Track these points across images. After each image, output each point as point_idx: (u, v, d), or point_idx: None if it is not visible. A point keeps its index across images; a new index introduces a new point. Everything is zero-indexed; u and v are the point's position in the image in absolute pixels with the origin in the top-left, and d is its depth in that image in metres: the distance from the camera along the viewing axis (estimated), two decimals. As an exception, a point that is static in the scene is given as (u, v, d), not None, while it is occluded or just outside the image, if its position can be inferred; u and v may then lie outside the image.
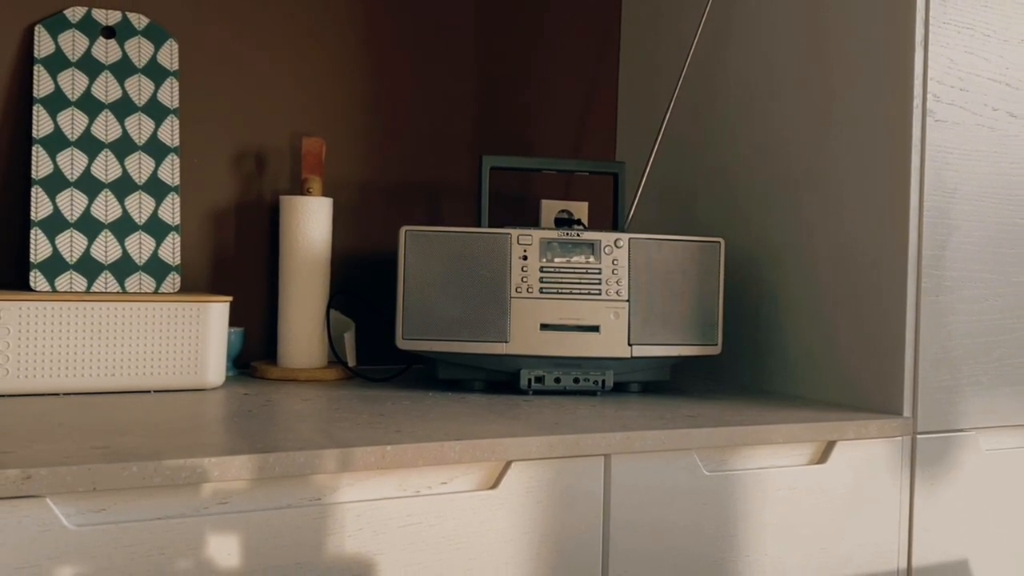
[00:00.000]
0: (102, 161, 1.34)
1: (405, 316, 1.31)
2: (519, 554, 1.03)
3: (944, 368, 1.28)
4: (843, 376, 1.34)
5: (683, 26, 1.61)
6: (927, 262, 1.26)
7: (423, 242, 1.31)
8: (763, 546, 1.17)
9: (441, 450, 0.98)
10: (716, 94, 1.56)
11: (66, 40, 1.35)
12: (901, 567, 1.26)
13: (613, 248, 1.33)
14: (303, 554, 0.93)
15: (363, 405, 1.20)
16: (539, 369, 1.31)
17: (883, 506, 1.25)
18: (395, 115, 1.62)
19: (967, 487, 1.31)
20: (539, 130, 1.73)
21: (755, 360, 1.48)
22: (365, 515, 0.96)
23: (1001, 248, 1.33)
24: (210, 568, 0.89)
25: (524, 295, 1.31)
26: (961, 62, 1.28)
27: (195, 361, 1.27)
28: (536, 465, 1.04)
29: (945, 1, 1.27)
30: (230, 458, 0.89)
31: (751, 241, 1.49)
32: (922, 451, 1.27)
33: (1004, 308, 1.33)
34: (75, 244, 1.31)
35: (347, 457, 0.94)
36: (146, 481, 0.85)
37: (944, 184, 1.27)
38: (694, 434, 1.12)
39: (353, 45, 1.58)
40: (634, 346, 1.33)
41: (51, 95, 1.33)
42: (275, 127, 1.53)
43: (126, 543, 0.86)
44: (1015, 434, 1.36)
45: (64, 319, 1.21)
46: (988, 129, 1.31)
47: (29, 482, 0.81)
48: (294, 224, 1.42)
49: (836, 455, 1.22)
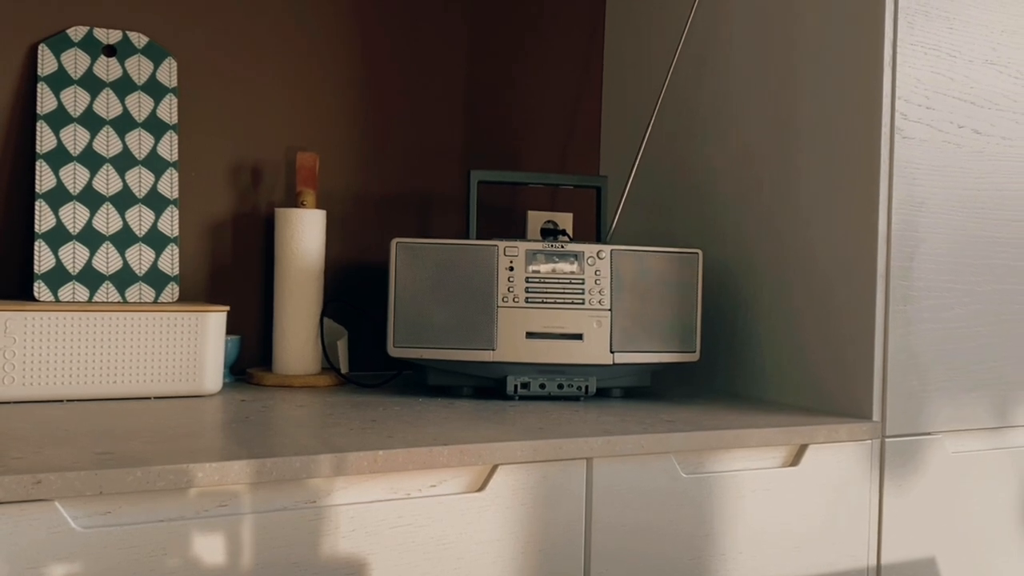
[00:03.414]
0: (103, 175, 1.35)
1: (396, 324, 1.32)
2: (505, 553, 1.05)
3: (912, 374, 1.30)
4: (815, 382, 1.36)
5: (663, 48, 1.63)
6: (895, 272, 1.28)
7: (413, 253, 1.32)
8: (738, 545, 1.19)
9: (431, 454, 1.00)
10: (695, 112, 1.57)
11: (68, 58, 1.36)
12: (871, 564, 1.28)
13: (596, 259, 1.35)
14: (299, 554, 0.94)
15: (356, 411, 1.21)
16: (525, 375, 1.33)
17: (853, 506, 1.27)
18: (386, 130, 1.62)
19: (934, 488, 1.33)
20: (526, 145, 1.74)
21: (732, 366, 1.49)
22: (358, 517, 0.97)
23: (966, 259, 1.35)
24: (210, 568, 0.91)
25: (510, 304, 1.33)
26: (927, 81, 1.31)
27: (193, 368, 1.27)
28: (521, 468, 1.06)
29: (912, 23, 1.29)
30: (229, 463, 0.90)
31: (728, 252, 1.50)
32: (891, 453, 1.29)
33: (969, 316, 1.35)
34: (77, 256, 1.32)
35: (341, 462, 0.95)
36: (150, 485, 0.87)
37: (911, 198, 1.30)
38: (672, 438, 1.13)
39: (346, 63, 1.59)
40: (616, 353, 1.35)
41: (54, 111, 1.34)
42: (270, 142, 1.53)
43: (130, 544, 0.87)
44: (979, 437, 1.37)
45: (67, 328, 1.21)
46: (954, 145, 1.33)
47: (39, 487, 0.83)
48: (289, 235, 1.43)
49: (808, 458, 1.23)
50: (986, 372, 1.37)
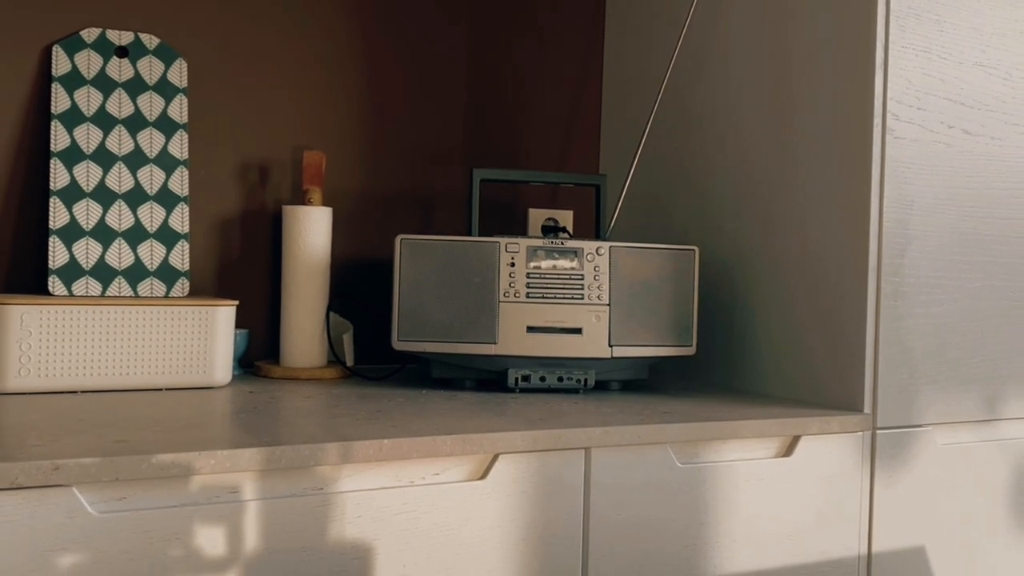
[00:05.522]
0: (116, 173, 1.37)
1: (400, 319, 1.33)
2: (505, 539, 1.07)
3: (902, 368, 1.32)
4: (808, 375, 1.37)
5: (662, 49, 1.64)
6: (886, 269, 1.30)
7: (417, 249, 1.34)
8: (732, 533, 1.20)
9: (434, 444, 1.01)
10: (692, 112, 1.59)
11: (82, 59, 1.38)
12: (862, 553, 1.29)
13: (595, 255, 1.37)
14: (307, 539, 0.96)
15: (361, 402, 1.22)
16: (525, 368, 1.34)
17: (845, 496, 1.28)
18: (391, 130, 1.64)
19: (923, 479, 1.34)
20: (527, 144, 1.75)
21: (727, 360, 1.50)
22: (364, 503, 0.99)
23: (956, 256, 1.36)
24: (221, 552, 0.92)
25: (511, 299, 1.34)
26: (918, 83, 1.33)
27: (203, 361, 1.29)
28: (522, 458, 1.07)
29: (903, 26, 1.31)
30: (239, 451, 0.91)
31: (724, 249, 1.52)
32: (881, 445, 1.31)
33: (958, 312, 1.37)
34: (91, 251, 1.34)
35: (347, 450, 0.97)
36: (163, 472, 0.88)
37: (903, 197, 1.31)
38: (668, 429, 1.14)
39: (351, 65, 1.60)
40: (614, 347, 1.36)
41: (68, 111, 1.36)
42: (278, 141, 1.55)
43: (145, 529, 0.89)
44: (968, 429, 1.39)
45: (81, 322, 1.23)
46: (944, 145, 1.35)
47: (57, 472, 0.84)
48: (296, 232, 1.45)
49: (801, 449, 1.25)
50: (975, 366, 1.39)
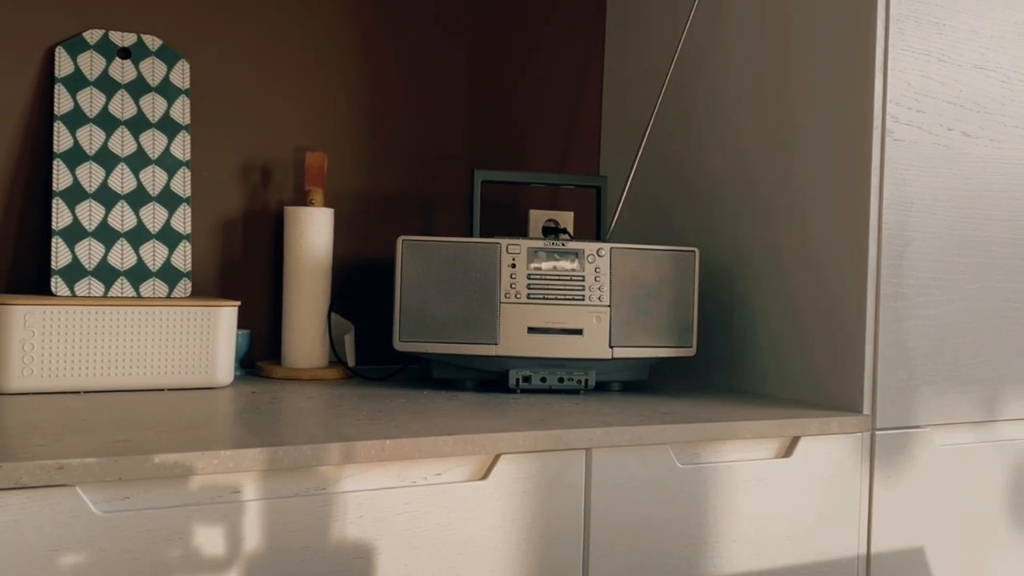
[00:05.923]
0: (118, 174, 1.38)
1: (402, 319, 1.34)
2: (507, 539, 1.07)
3: (901, 369, 1.32)
4: (808, 376, 1.38)
5: (662, 51, 1.65)
6: (886, 270, 1.30)
7: (418, 250, 1.34)
8: (732, 533, 1.21)
9: (436, 444, 1.02)
10: (692, 114, 1.59)
11: (84, 61, 1.38)
12: (861, 553, 1.30)
13: (596, 257, 1.37)
14: (309, 539, 0.97)
15: (363, 403, 1.23)
16: (526, 369, 1.35)
17: (844, 497, 1.29)
18: (392, 131, 1.64)
19: (922, 480, 1.35)
20: (528, 145, 1.75)
21: (727, 360, 1.51)
22: (366, 503, 0.99)
23: (954, 258, 1.37)
24: (224, 552, 0.93)
25: (512, 300, 1.35)
26: (918, 85, 1.33)
27: (206, 361, 1.30)
28: (523, 458, 1.08)
29: (903, 29, 1.31)
30: (242, 451, 0.92)
31: (724, 250, 1.52)
32: (880, 446, 1.31)
33: (956, 313, 1.37)
34: (93, 252, 1.34)
35: (349, 450, 0.97)
36: (166, 472, 0.89)
37: (902, 198, 1.32)
38: (669, 429, 1.15)
39: (352, 67, 1.61)
40: (615, 348, 1.37)
41: (70, 112, 1.36)
42: (279, 142, 1.55)
43: (148, 528, 0.90)
44: (966, 430, 1.39)
45: (83, 322, 1.24)
46: (943, 147, 1.36)
47: (61, 472, 0.85)
48: (297, 233, 1.45)
49: (800, 449, 1.25)
50: (973, 367, 1.39)
